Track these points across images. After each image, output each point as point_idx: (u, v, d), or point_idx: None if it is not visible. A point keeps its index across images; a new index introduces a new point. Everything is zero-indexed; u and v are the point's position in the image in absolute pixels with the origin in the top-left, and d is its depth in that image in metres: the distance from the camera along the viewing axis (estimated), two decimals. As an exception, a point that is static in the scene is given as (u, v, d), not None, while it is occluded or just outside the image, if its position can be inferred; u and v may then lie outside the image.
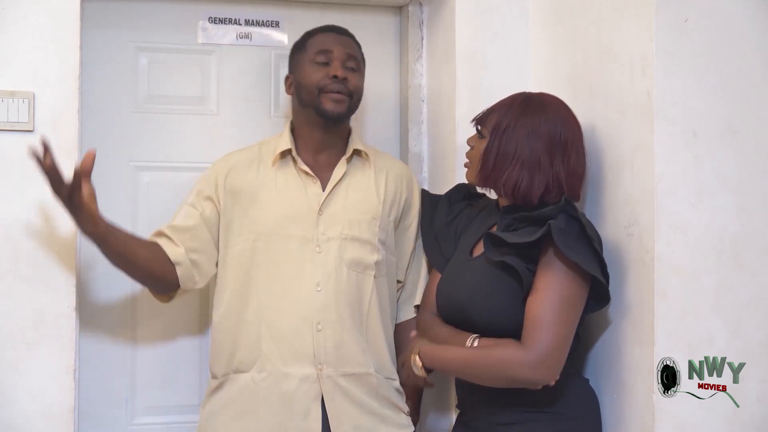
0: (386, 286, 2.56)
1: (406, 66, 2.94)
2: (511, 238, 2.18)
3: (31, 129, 2.47)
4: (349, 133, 2.59)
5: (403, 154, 2.95)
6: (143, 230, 2.59)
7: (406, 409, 2.54)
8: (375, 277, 2.50)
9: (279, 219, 2.45)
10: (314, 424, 2.39)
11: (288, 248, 2.44)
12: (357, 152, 2.57)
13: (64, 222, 2.47)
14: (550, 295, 2.11)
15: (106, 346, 2.74)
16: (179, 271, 2.47)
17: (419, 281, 2.65)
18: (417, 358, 2.26)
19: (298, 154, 2.52)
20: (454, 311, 2.31)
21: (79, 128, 2.52)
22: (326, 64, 2.48)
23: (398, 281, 2.64)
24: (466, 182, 2.39)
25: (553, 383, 2.11)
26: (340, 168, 2.53)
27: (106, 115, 2.77)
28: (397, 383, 2.53)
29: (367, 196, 2.53)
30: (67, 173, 2.46)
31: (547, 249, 2.15)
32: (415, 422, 2.59)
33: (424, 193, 2.61)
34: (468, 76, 2.70)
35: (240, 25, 2.87)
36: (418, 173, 2.89)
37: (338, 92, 2.46)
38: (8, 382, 2.44)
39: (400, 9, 2.98)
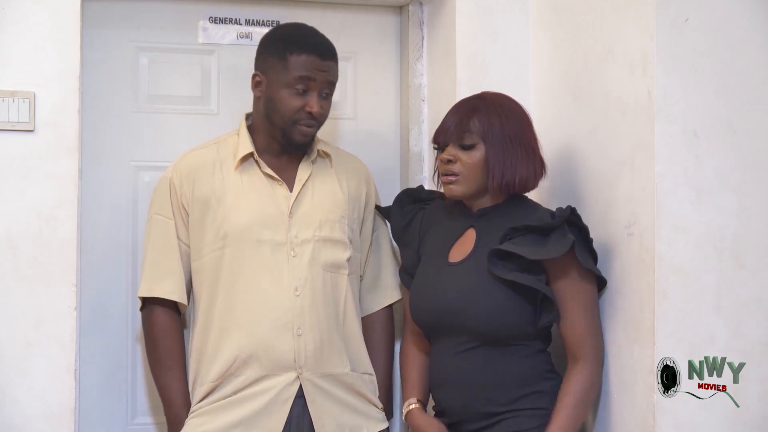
0: (357, 283, 2.58)
1: (406, 66, 2.94)
2: (526, 253, 2.18)
3: (32, 129, 2.47)
4: None
5: (404, 154, 2.95)
6: (143, 230, 2.59)
7: (380, 404, 2.55)
8: (348, 275, 2.51)
9: (249, 224, 2.43)
10: (277, 424, 2.39)
11: (261, 254, 2.42)
12: (317, 152, 2.55)
13: (65, 222, 2.48)
14: (584, 304, 2.23)
15: (106, 346, 2.75)
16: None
17: (380, 274, 2.65)
18: None
19: (259, 155, 2.49)
20: (439, 319, 2.31)
21: (79, 128, 2.52)
22: (305, 91, 2.42)
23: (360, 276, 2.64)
24: (449, 197, 2.35)
25: None
26: (305, 169, 2.51)
27: (107, 114, 2.77)
28: (372, 378, 2.55)
29: (333, 195, 2.53)
30: (68, 173, 2.48)
31: (564, 259, 2.19)
32: (389, 416, 2.61)
33: (377, 208, 2.62)
34: (468, 76, 2.70)
35: (240, 25, 2.87)
36: (418, 173, 2.90)
37: (309, 126, 2.44)
38: (9, 382, 2.44)
39: (400, 9, 2.98)
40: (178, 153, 2.57)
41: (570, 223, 2.20)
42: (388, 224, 2.64)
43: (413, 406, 2.40)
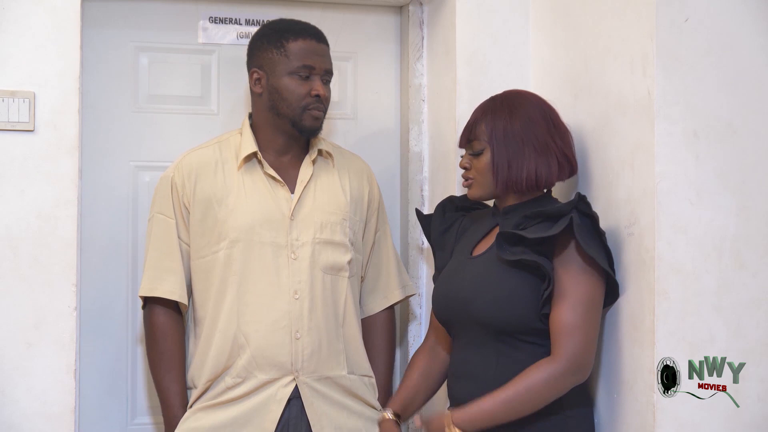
0: (357, 285, 2.58)
1: (406, 66, 2.94)
2: (529, 233, 2.18)
3: (32, 129, 2.48)
4: None
5: (404, 154, 2.95)
6: (143, 230, 2.60)
7: (379, 406, 2.54)
8: (348, 277, 2.50)
9: (251, 225, 2.43)
10: (270, 424, 2.39)
11: (262, 255, 2.42)
12: (319, 151, 2.55)
13: (65, 222, 2.48)
14: (577, 298, 2.16)
15: (106, 346, 2.75)
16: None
17: (381, 275, 2.65)
18: (456, 430, 2.21)
19: (262, 154, 2.49)
20: (453, 309, 2.32)
21: (79, 128, 2.52)
22: (308, 77, 2.44)
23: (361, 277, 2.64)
24: (470, 198, 2.37)
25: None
26: (307, 169, 2.51)
27: (107, 114, 2.78)
28: (371, 380, 2.55)
29: (335, 197, 2.52)
30: (68, 173, 2.48)
31: (566, 243, 2.18)
32: None
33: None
34: (468, 76, 2.70)
35: (240, 24, 2.87)
36: (418, 173, 2.90)
37: (319, 109, 2.46)
38: (9, 382, 2.44)
39: (400, 9, 2.99)
40: (179, 153, 2.57)
41: (582, 213, 2.19)
42: (390, 224, 2.63)
43: (388, 416, 2.41)
